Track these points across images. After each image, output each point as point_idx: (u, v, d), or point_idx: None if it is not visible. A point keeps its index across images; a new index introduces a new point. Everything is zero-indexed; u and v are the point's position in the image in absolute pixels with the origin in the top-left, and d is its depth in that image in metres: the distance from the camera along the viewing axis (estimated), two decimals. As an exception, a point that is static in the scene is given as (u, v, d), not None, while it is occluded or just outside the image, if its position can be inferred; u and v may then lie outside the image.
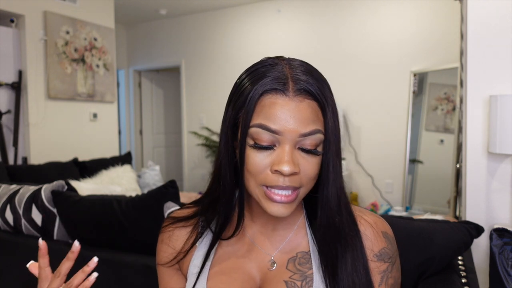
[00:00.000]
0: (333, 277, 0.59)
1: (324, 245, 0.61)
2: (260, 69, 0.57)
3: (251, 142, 0.56)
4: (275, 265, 0.64)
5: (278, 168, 0.54)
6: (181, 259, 0.68)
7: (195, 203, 0.74)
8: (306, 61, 0.61)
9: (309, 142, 0.55)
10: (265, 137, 0.55)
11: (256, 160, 0.56)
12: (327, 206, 0.59)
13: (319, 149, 0.57)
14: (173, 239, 0.70)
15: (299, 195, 0.57)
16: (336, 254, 0.60)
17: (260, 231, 0.66)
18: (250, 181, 0.58)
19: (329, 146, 0.57)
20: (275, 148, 0.55)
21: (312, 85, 0.55)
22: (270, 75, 0.55)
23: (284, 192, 0.56)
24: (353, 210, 0.66)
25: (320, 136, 0.56)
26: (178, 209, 0.75)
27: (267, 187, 0.56)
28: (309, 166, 0.56)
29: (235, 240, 0.67)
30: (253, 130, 0.55)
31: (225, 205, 0.64)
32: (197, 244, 0.68)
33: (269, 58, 0.59)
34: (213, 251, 0.67)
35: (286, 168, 0.53)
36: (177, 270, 0.71)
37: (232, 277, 0.64)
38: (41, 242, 0.63)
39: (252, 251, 0.66)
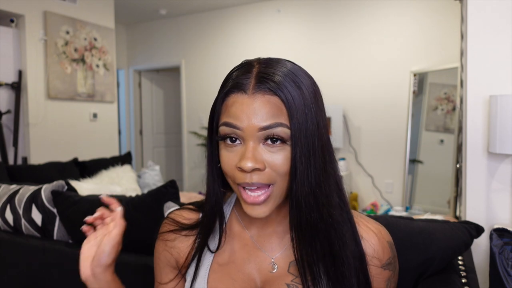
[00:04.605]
0: (313, 281, 0.58)
1: (299, 243, 0.59)
2: (233, 73, 0.60)
3: (221, 141, 0.59)
4: (276, 267, 0.64)
5: (239, 164, 0.55)
6: (184, 273, 0.69)
7: (198, 206, 0.73)
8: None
9: (274, 136, 0.55)
10: (230, 135, 0.57)
11: (225, 159, 0.58)
12: (294, 202, 0.57)
13: (287, 143, 0.56)
14: (175, 250, 0.70)
15: (273, 193, 0.57)
16: (311, 252, 0.59)
17: (260, 233, 0.66)
18: (228, 180, 0.60)
19: (296, 140, 0.55)
20: (241, 145, 0.57)
21: (274, 81, 0.55)
22: (237, 76, 0.58)
23: (253, 194, 0.56)
24: (354, 215, 0.65)
25: (283, 130, 0.55)
26: (178, 210, 0.74)
27: (239, 186, 0.57)
28: (276, 161, 0.55)
29: (236, 239, 0.67)
30: (220, 129, 0.58)
31: (210, 207, 0.65)
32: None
33: (246, 60, 0.61)
34: (210, 257, 0.67)
35: (247, 164, 0.54)
36: (174, 268, 0.71)
37: (232, 277, 0.64)
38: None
39: (252, 252, 0.66)
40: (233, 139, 0.57)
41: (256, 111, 0.55)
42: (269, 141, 0.55)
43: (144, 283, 1.22)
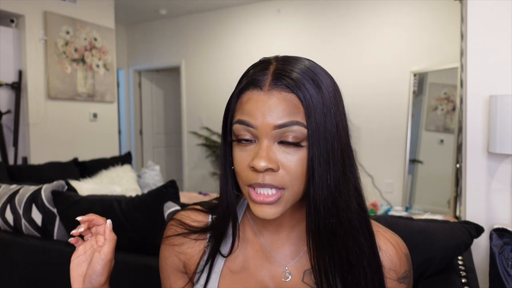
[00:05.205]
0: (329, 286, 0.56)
1: (316, 250, 0.56)
2: (250, 70, 0.57)
3: (235, 140, 0.56)
4: (290, 276, 0.61)
5: (252, 163, 0.52)
6: (197, 279, 0.64)
7: (206, 207, 0.69)
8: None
9: (290, 135, 0.52)
10: (244, 133, 0.54)
11: (238, 158, 0.55)
12: (312, 206, 0.54)
13: (303, 143, 0.53)
14: (183, 256, 0.66)
15: (284, 196, 0.54)
16: (329, 259, 0.56)
17: (273, 239, 0.63)
18: (239, 181, 0.57)
19: (313, 141, 0.52)
20: (255, 144, 0.54)
21: (292, 78, 0.52)
22: (253, 73, 0.56)
23: (264, 191, 0.53)
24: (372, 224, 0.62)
25: (300, 129, 0.52)
26: (184, 211, 0.69)
27: (250, 187, 0.54)
28: (290, 162, 0.52)
29: (248, 244, 0.64)
30: (234, 127, 0.55)
31: (223, 210, 0.62)
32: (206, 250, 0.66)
33: (265, 57, 0.59)
34: (221, 262, 0.64)
35: (260, 163, 0.51)
36: (183, 273, 0.68)
37: (243, 285, 0.62)
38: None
39: (265, 259, 0.63)
40: (247, 138, 0.54)
41: (271, 109, 0.52)
42: (284, 141, 0.53)
43: (144, 283, 1.22)
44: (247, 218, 0.66)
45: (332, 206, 0.54)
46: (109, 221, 0.63)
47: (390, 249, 0.61)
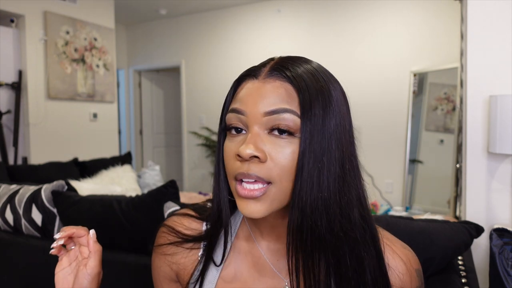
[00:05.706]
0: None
1: (296, 248, 0.50)
2: None
3: (227, 132, 0.53)
4: None
5: (238, 151, 0.48)
6: None
7: (200, 212, 0.65)
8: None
9: (281, 124, 0.49)
10: (235, 122, 0.51)
11: (227, 149, 0.52)
12: (296, 202, 0.49)
13: (296, 135, 0.49)
14: (176, 265, 0.62)
15: (271, 192, 0.49)
16: (312, 264, 0.50)
17: (273, 249, 0.58)
18: (228, 177, 0.53)
19: (306, 133, 0.48)
20: (245, 135, 0.51)
21: (288, 69, 0.51)
22: (253, 67, 0.55)
23: (250, 186, 0.49)
24: (380, 233, 0.57)
25: (292, 118, 0.48)
26: (177, 216, 0.65)
27: (237, 181, 0.51)
28: (280, 154, 0.48)
29: (246, 254, 0.60)
30: (227, 117, 0.53)
31: (213, 213, 0.58)
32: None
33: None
34: (216, 272, 0.60)
35: (246, 150, 0.47)
36: (176, 282, 0.65)
37: None
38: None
39: (264, 272, 0.58)
40: (239, 129, 0.51)
41: (263, 95, 0.49)
42: (276, 132, 0.49)
43: (144, 283, 1.22)
44: (245, 224, 0.62)
45: (323, 209, 0.49)
46: (92, 231, 0.59)
47: (400, 266, 0.56)
